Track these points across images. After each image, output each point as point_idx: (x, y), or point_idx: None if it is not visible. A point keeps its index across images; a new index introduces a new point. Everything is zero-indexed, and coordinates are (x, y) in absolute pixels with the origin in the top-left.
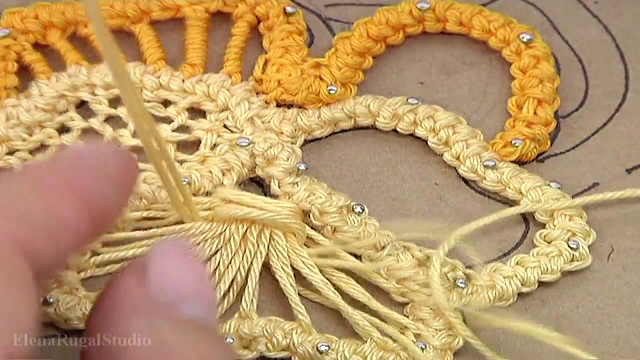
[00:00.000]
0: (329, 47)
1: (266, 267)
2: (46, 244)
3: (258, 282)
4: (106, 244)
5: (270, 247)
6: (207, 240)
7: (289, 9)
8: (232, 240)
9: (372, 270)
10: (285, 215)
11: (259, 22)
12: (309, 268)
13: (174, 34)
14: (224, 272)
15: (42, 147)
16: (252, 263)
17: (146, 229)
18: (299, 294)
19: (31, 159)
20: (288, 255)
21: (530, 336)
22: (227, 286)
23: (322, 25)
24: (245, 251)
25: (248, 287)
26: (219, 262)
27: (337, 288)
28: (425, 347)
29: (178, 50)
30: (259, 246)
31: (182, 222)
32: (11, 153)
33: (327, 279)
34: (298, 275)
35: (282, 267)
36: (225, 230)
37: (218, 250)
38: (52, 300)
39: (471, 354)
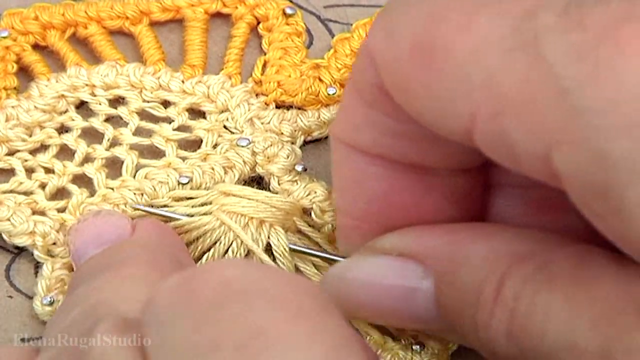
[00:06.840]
0: (328, 48)
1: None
2: None
3: None
4: None
5: (270, 236)
6: (207, 233)
7: (288, 10)
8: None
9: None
10: (286, 208)
11: (258, 23)
12: (304, 262)
13: (173, 35)
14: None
15: (42, 147)
16: (249, 253)
17: None
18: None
19: (31, 159)
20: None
21: None
22: None
23: (321, 26)
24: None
25: None
26: (217, 250)
27: None
28: (423, 347)
29: (177, 51)
30: (260, 234)
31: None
32: (11, 153)
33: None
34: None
35: (283, 252)
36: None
37: (217, 240)
38: (52, 300)
39: (469, 354)
